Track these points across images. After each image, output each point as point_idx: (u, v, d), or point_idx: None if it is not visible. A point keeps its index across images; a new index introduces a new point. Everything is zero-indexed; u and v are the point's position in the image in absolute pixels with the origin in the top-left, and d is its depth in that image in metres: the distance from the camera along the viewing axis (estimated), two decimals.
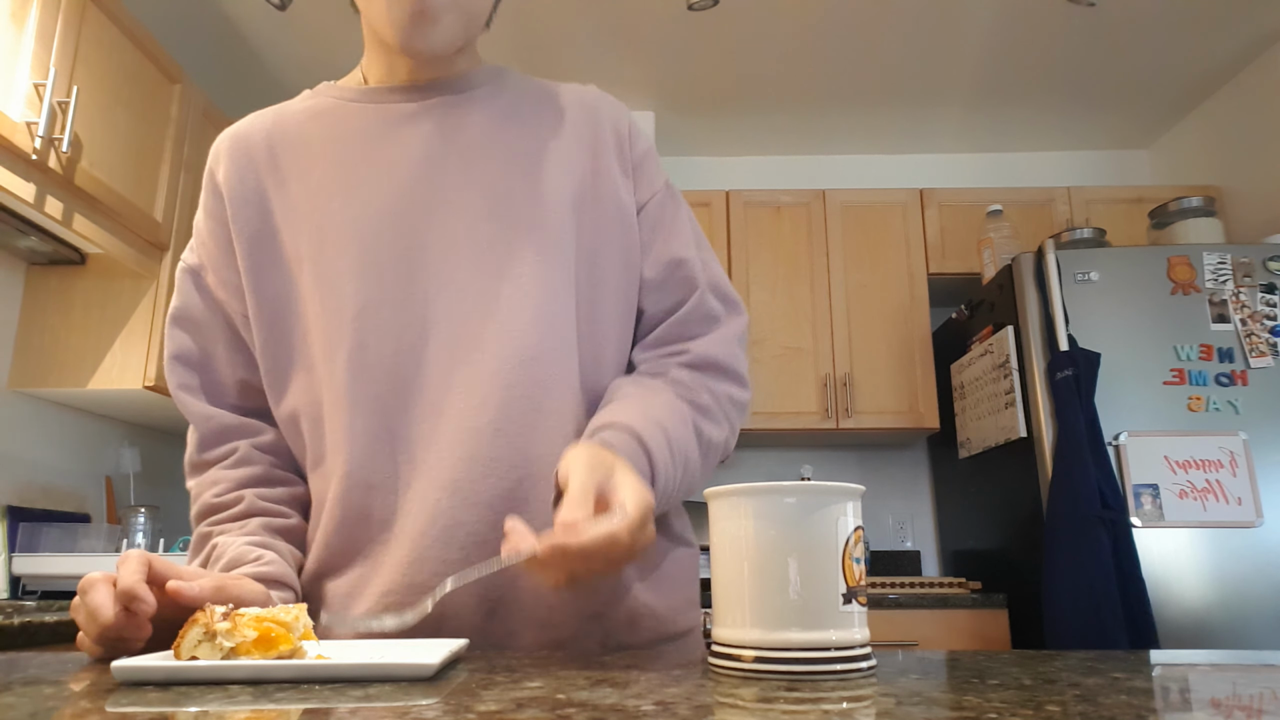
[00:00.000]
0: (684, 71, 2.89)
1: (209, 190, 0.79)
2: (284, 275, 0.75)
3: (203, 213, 0.79)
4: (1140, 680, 0.50)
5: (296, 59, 2.81)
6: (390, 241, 0.72)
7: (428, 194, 0.73)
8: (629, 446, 0.66)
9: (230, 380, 0.79)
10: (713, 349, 0.77)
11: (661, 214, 0.81)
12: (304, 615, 0.53)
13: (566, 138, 0.79)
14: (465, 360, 0.70)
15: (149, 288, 2.20)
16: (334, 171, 0.75)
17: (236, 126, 0.80)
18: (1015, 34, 2.68)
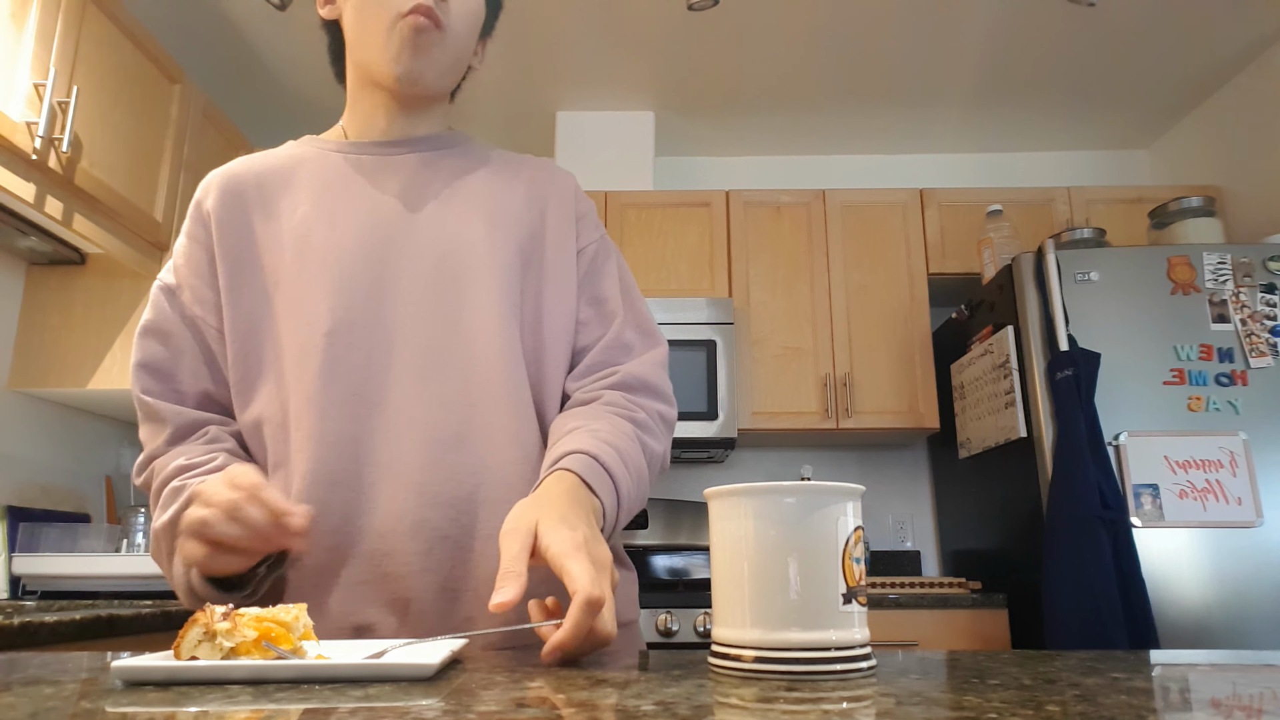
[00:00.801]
0: (684, 71, 2.89)
1: (195, 219, 0.86)
2: (261, 295, 0.82)
3: (186, 238, 0.86)
4: (1140, 680, 0.50)
5: (296, 59, 2.81)
6: (363, 270, 0.81)
7: (399, 232, 0.83)
8: (590, 469, 0.72)
9: (192, 391, 0.84)
10: (638, 369, 0.86)
11: (594, 261, 0.91)
12: (304, 615, 0.53)
13: (519, 195, 0.90)
14: (431, 378, 0.79)
15: (149, 288, 2.20)
16: (316, 208, 0.84)
17: (227, 167, 0.88)
18: (1015, 34, 2.68)
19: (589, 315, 0.89)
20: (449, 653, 0.52)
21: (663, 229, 2.89)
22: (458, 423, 0.78)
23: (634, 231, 2.89)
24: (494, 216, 0.86)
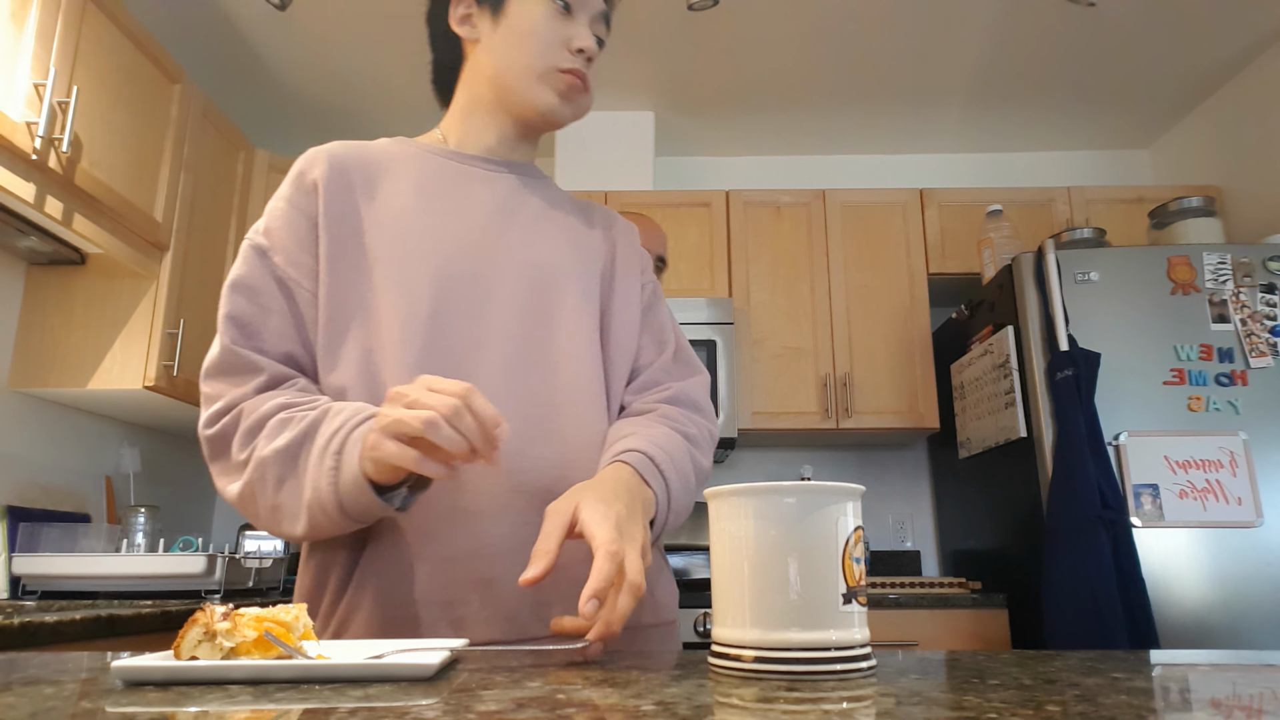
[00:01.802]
0: (684, 71, 2.89)
1: (298, 188, 0.86)
2: (359, 270, 0.84)
3: (286, 204, 0.86)
4: (1140, 680, 0.50)
5: (296, 59, 2.81)
6: (463, 264, 0.85)
7: (497, 237, 0.88)
8: (644, 464, 0.79)
9: (276, 350, 0.82)
10: (689, 389, 0.95)
11: (652, 297, 1.02)
12: (304, 615, 0.53)
13: (597, 231, 0.99)
14: (519, 374, 0.84)
15: (149, 288, 2.20)
16: (418, 200, 0.88)
17: (331, 147, 0.89)
18: (1015, 34, 2.68)
19: (647, 341, 0.98)
20: (449, 653, 0.52)
21: (663, 229, 2.89)
22: (541, 419, 0.83)
23: None
24: (577, 243, 0.94)
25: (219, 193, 2.52)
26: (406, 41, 2.71)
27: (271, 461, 0.72)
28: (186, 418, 2.54)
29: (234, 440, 0.76)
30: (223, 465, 0.77)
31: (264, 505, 0.73)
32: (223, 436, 0.77)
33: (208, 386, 0.79)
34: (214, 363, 0.80)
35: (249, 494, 0.74)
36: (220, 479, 0.77)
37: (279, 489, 0.72)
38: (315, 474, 0.70)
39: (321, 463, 0.70)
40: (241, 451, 0.75)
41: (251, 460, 0.73)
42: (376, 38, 2.70)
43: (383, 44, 2.73)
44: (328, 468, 0.69)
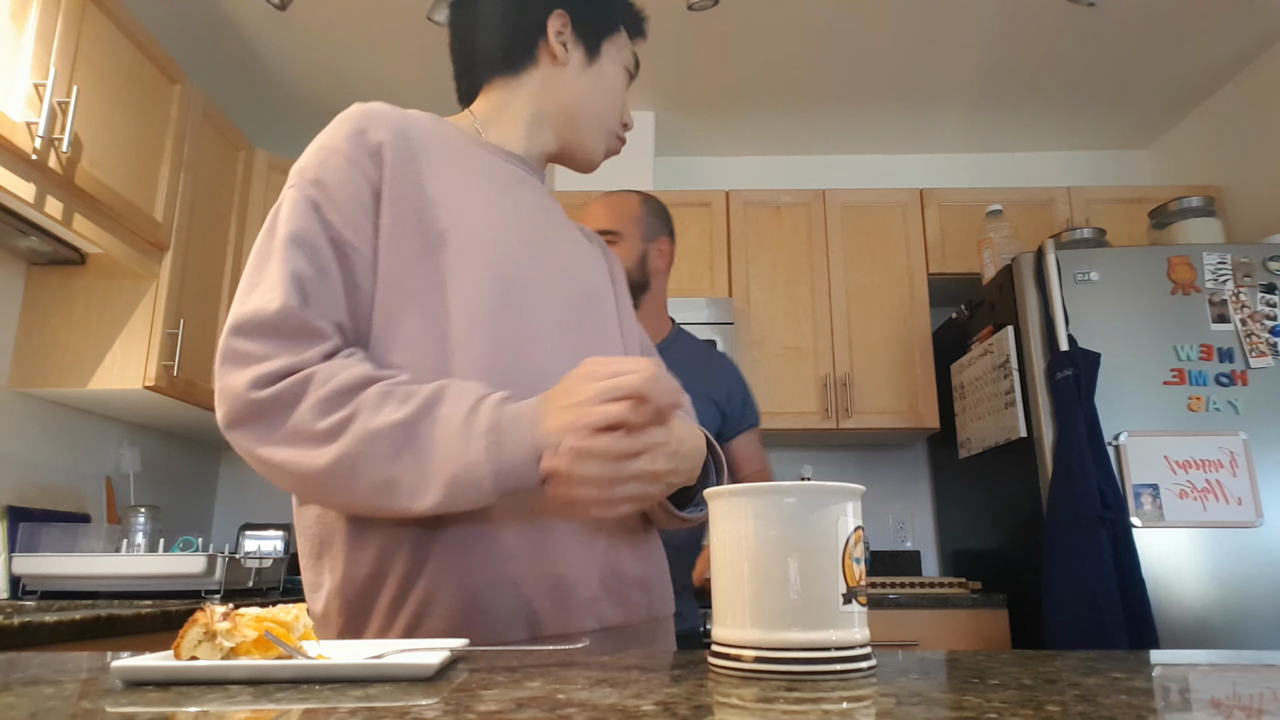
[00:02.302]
0: (684, 71, 2.89)
1: (357, 145, 0.80)
2: (420, 247, 0.79)
3: (345, 161, 0.79)
4: (1140, 680, 0.50)
5: (296, 59, 2.81)
6: (522, 266, 0.84)
7: (544, 241, 0.88)
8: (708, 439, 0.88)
9: (331, 316, 0.76)
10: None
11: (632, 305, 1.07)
12: (304, 615, 0.53)
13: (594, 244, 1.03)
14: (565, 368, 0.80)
15: (149, 288, 2.20)
16: (480, 190, 0.85)
17: (387, 109, 0.84)
18: (1015, 34, 2.68)
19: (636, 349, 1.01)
20: (449, 653, 0.52)
21: None
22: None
23: None
24: (591, 256, 0.98)
25: (219, 193, 2.52)
26: (406, 42, 2.71)
27: (385, 435, 0.68)
28: (186, 418, 2.54)
29: (304, 407, 0.69)
30: (276, 430, 0.69)
31: (371, 478, 0.68)
32: (281, 401, 0.69)
33: (253, 344, 0.71)
34: (267, 320, 0.71)
35: (348, 466, 0.68)
36: (270, 446, 0.69)
37: (394, 462, 0.68)
38: (461, 448, 0.68)
39: (469, 438, 0.68)
40: (321, 420, 0.68)
41: (350, 432, 0.68)
42: (376, 38, 2.70)
43: (383, 44, 2.73)
44: (482, 444, 0.68)
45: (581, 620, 0.78)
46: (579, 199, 2.92)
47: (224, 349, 0.72)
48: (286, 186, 0.80)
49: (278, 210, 0.79)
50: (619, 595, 0.82)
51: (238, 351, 0.71)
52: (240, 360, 0.71)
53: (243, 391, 0.69)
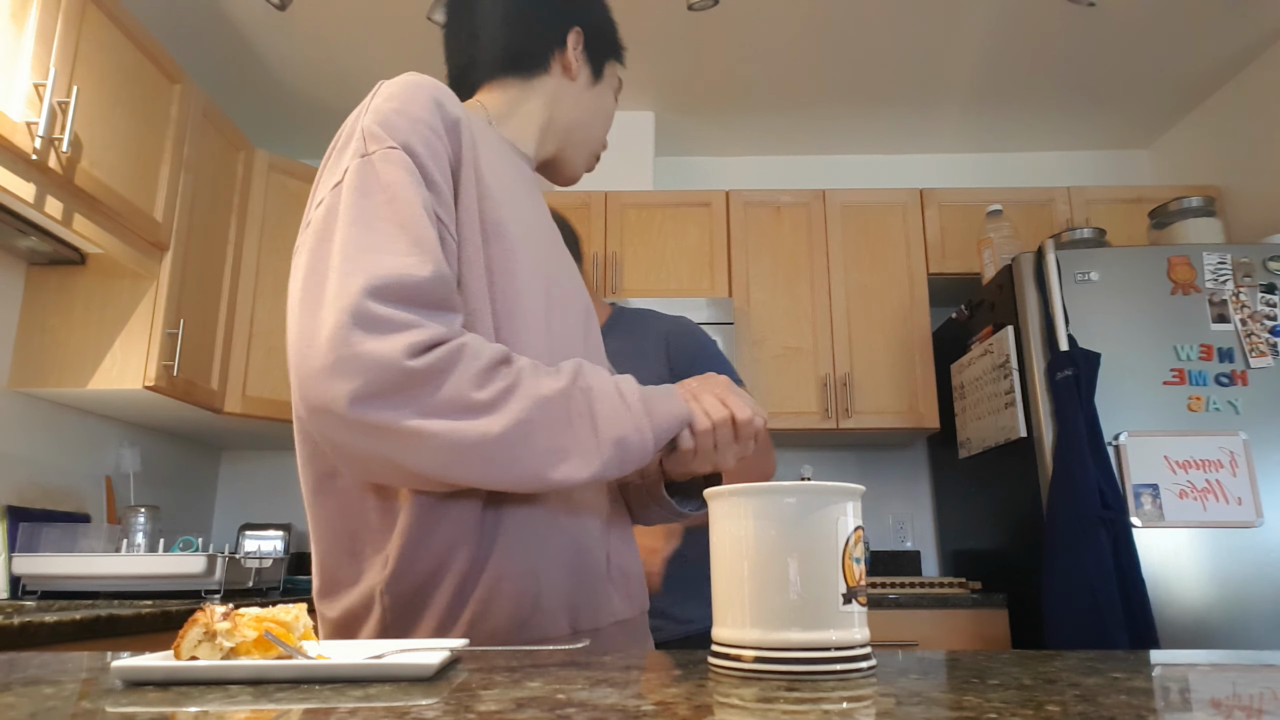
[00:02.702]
0: (684, 71, 2.89)
1: (439, 118, 0.77)
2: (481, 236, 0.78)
3: (429, 132, 0.76)
4: (1140, 680, 0.50)
5: (296, 59, 2.81)
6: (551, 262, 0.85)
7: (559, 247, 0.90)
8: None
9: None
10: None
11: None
12: (304, 615, 0.53)
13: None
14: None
15: (149, 288, 2.20)
16: (513, 175, 0.85)
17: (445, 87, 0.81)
18: (1015, 34, 2.68)
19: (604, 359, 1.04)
20: (449, 653, 0.52)
21: (663, 229, 2.89)
22: None
23: (634, 231, 2.89)
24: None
25: (219, 193, 2.52)
26: (406, 42, 2.71)
27: (556, 401, 0.69)
28: (186, 418, 2.54)
29: (459, 377, 0.66)
30: (428, 401, 0.65)
31: (544, 444, 0.68)
32: (435, 370, 0.65)
33: (397, 311, 0.65)
34: (418, 287, 0.67)
35: (523, 433, 0.67)
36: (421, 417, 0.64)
37: (567, 428, 0.69)
38: (623, 413, 0.71)
39: (627, 405, 0.72)
40: (480, 390, 0.66)
41: (518, 399, 0.67)
42: (376, 38, 2.70)
43: (382, 44, 2.73)
44: (641, 409, 0.72)
45: (606, 614, 0.80)
46: (579, 199, 2.92)
47: (357, 313, 0.64)
48: (370, 146, 0.73)
49: (367, 170, 0.72)
50: (625, 589, 0.84)
51: (378, 317, 0.64)
52: (382, 326, 0.64)
53: (396, 359, 0.64)
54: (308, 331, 0.65)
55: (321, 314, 0.65)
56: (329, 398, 0.63)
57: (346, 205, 0.70)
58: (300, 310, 0.67)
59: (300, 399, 0.66)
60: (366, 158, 0.72)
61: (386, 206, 0.70)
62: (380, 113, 0.75)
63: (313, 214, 0.73)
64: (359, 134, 0.74)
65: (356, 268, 0.66)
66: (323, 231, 0.70)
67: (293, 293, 0.70)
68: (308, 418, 0.66)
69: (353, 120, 0.77)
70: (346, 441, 0.65)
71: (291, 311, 0.69)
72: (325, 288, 0.66)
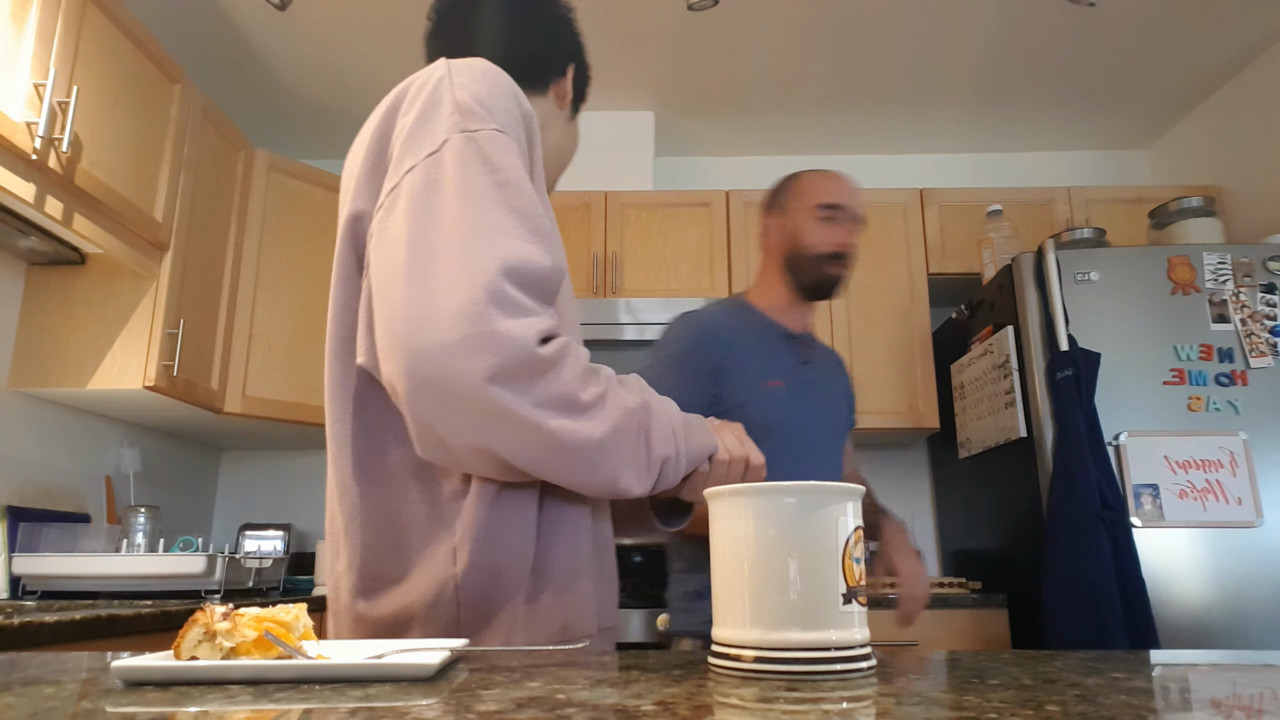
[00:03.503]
0: (684, 71, 2.89)
1: (520, 109, 0.76)
2: None
3: (515, 122, 0.75)
4: (1140, 680, 0.50)
5: (296, 59, 2.81)
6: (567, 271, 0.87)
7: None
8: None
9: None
10: None
11: None
12: (304, 615, 0.53)
13: None
14: None
15: (149, 288, 2.20)
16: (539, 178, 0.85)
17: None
18: (1015, 34, 2.68)
19: None
20: (449, 653, 0.52)
21: (663, 229, 2.89)
22: None
23: (634, 231, 2.89)
24: None
25: (219, 193, 2.52)
26: (406, 42, 2.71)
27: (636, 415, 0.70)
28: (186, 418, 2.54)
29: (569, 373, 0.66)
30: (545, 391, 0.64)
31: (623, 454, 0.68)
32: (554, 362, 0.64)
33: (524, 296, 0.64)
34: (541, 275, 0.66)
35: (615, 441, 0.67)
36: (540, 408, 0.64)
37: (637, 443, 0.70)
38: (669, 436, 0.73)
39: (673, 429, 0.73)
40: (585, 391, 0.66)
41: (613, 407, 0.68)
42: (376, 38, 2.70)
43: (382, 44, 2.73)
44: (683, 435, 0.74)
45: (613, 615, 0.85)
46: (579, 199, 2.92)
47: (492, 292, 0.62)
48: (472, 124, 0.70)
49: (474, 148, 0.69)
50: (611, 596, 0.87)
51: (511, 299, 0.63)
52: (516, 309, 0.63)
53: (529, 343, 0.62)
54: (425, 302, 0.62)
55: (441, 287, 0.62)
56: (457, 372, 0.61)
57: (456, 181, 0.67)
58: (409, 279, 0.63)
59: (409, 370, 0.62)
60: (470, 134, 0.69)
61: (500, 190, 0.67)
62: (473, 91, 0.72)
63: (403, 179, 0.69)
64: (453, 105, 0.71)
65: (486, 245, 0.64)
66: (426, 201, 0.66)
67: (391, 260, 0.66)
68: (415, 392, 0.62)
69: (431, 88, 0.73)
70: (458, 420, 0.62)
71: (392, 278, 0.65)
72: (440, 260, 0.63)
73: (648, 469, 0.70)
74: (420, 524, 0.71)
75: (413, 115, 0.72)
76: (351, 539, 0.73)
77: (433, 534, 0.71)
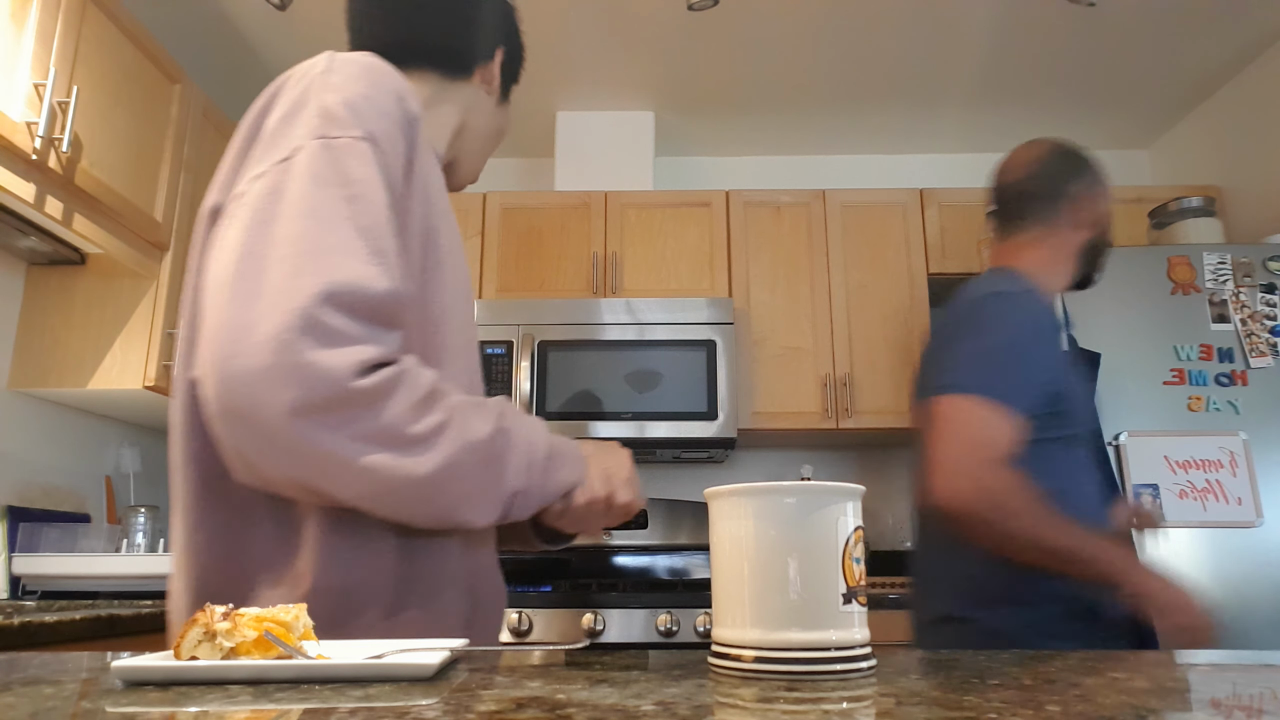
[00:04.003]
0: (684, 71, 2.89)
1: (402, 110, 0.73)
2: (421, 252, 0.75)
3: (393, 125, 0.71)
4: (1140, 680, 0.50)
5: (296, 59, 2.80)
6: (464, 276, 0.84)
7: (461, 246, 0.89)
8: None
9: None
10: None
11: None
12: (304, 615, 0.53)
13: None
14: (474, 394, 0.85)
15: (149, 288, 2.20)
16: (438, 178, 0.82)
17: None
18: (1015, 34, 2.68)
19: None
20: (449, 653, 0.52)
21: (663, 229, 2.89)
22: None
23: (634, 231, 2.89)
24: None
25: None
26: None
27: (480, 448, 0.66)
28: None
29: (398, 405, 0.62)
30: (366, 426, 0.61)
31: (461, 490, 0.66)
32: (377, 394, 0.61)
33: (348, 323, 0.61)
34: (370, 300, 0.62)
35: (448, 476, 0.64)
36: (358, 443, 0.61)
37: (480, 475, 0.67)
38: (525, 470, 0.70)
39: (531, 462, 0.71)
40: (417, 423, 0.63)
41: (448, 439, 0.65)
42: None
43: None
44: (541, 469, 0.72)
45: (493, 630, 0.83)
46: (579, 198, 2.92)
47: (306, 319, 0.59)
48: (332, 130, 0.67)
49: (328, 157, 0.66)
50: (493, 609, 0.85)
51: (328, 327, 0.59)
52: (331, 338, 0.59)
53: (342, 376, 0.59)
54: (240, 324, 0.59)
55: (258, 308, 0.59)
56: (262, 403, 0.58)
57: (301, 193, 0.64)
58: (231, 297, 0.60)
59: (219, 396, 0.59)
60: (327, 141, 0.66)
61: (349, 205, 0.64)
62: (344, 94, 0.69)
63: (250, 185, 0.65)
64: (316, 110, 0.68)
65: (312, 267, 0.60)
66: (265, 212, 0.63)
67: (219, 272, 0.62)
68: (223, 418, 0.59)
69: (299, 87, 0.70)
70: (265, 453, 0.60)
71: (216, 292, 0.61)
72: (265, 279, 0.60)
73: (494, 502, 0.68)
74: (265, 544, 0.68)
75: (278, 114, 0.69)
76: (191, 557, 0.69)
77: (277, 556, 0.68)
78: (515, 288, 2.85)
